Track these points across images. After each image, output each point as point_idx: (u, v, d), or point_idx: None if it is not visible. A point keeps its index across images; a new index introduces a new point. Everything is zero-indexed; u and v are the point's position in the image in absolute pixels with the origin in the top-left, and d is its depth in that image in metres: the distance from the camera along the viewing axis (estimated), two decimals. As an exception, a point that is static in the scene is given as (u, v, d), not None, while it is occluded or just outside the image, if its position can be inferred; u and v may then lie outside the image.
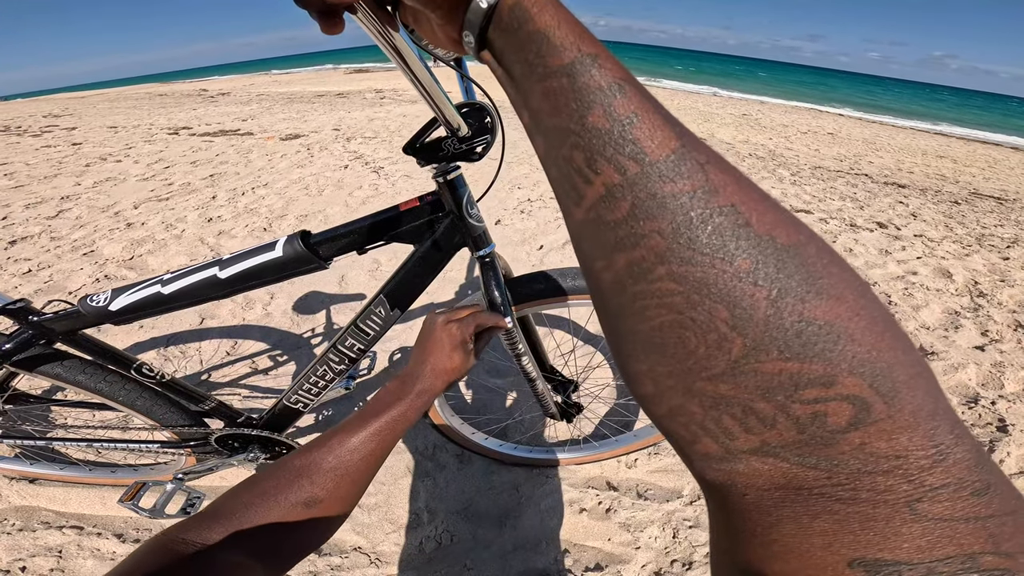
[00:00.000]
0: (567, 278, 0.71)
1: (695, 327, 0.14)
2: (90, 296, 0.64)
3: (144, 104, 7.61)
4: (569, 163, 0.16)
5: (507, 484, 1.10)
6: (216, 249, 2.13)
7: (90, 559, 0.92)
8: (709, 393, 0.14)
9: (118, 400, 0.76)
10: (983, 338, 1.67)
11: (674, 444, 0.17)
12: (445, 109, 0.44)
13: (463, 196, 0.58)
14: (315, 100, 7.28)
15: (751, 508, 0.14)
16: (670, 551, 0.97)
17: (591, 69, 0.16)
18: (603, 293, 0.17)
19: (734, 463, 0.15)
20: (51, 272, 1.91)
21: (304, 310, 1.69)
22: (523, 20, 0.17)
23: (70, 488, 1.04)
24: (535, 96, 0.17)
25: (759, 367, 0.13)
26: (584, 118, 0.15)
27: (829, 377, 0.12)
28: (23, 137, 4.59)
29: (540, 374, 0.84)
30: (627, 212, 0.15)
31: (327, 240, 0.60)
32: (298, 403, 0.80)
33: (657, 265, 0.14)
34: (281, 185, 2.97)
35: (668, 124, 0.15)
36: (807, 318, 0.12)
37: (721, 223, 0.14)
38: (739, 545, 0.14)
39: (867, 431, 0.12)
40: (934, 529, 0.11)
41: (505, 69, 0.19)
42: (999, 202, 3.73)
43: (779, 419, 0.13)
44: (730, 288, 0.13)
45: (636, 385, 0.17)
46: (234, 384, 1.36)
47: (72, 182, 3.07)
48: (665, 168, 0.14)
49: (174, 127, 5.01)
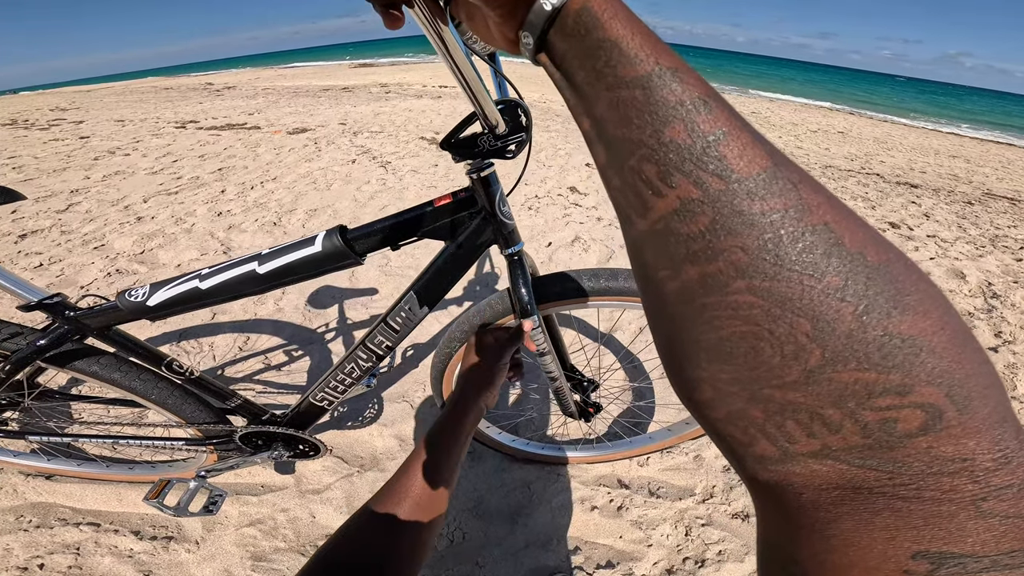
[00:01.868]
0: (590, 279, 0.71)
1: (772, 338, 0.14)
2: (128, 291, 0.64)
3: (150, 98, 7.61)
4: (637, 174, 0.16)
5: (518, 482, 1.11)
6: (226, 243, 2.14)
7: (108, 556, 0.93)
8: (777, 399, 0.14)
9: (150, 397, 0.76)
10: (996, 339, 1.66)
11: (724, 445, 0.17)
12: (486, 105, 0.43)
13: (496, 193, 0.58)
14: (320, 94, 7.26)
15: (808, 506, 0.14)
16: (682, 549, 0.97)
17: (671, 83, 0.16)
18: (664, 301, 0.17)
19: (791, 465, 0.15)
20: (62, 266, 1.92)
21: (316, 305, 1.70)
22: (592, 27, 0.17)
23: (86, 485, 1.05)
24: (600, 105, 0.17)
25: (835, 376, 0.13)
26: (660, 132, 0.15)
27: (906, 387, 0.13)
28: (31, 131, 4.60)
29: (562, 373, 0.84)
30: (706, 226, 0.15)
31: (363, 235, 0.59)
32: (324, 400, 0.81)
33: (736, 279, 0.14)
34: (290, 179, 2.97)
35: (758, 143, 0.15)
36: (891, 332, 0.13)
37: (813, 241, 0.14)
38: (794, 539, 0.15)
39: (937, 436, 0.13)
40: (999, 525, 0.12)
41: (565, 74, 0.19)
42: (1013, 203, 3.69)
43: (846, 424, 0.13)
44: (816, 303, 0.13)
45: (692, 390, 0.17)
46: (248, 380, 1.38)
47: (81, 175, 3.09)
48: (754, 186, 0.14)
49: (181, 121, 5.01)
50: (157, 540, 0.96)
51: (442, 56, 0.34)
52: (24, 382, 0.76)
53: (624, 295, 0.71)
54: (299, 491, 1.08)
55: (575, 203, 2.62)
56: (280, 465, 1.12)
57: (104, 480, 1.05)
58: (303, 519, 1.02)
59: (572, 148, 3.70)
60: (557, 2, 0.17)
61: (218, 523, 1.00)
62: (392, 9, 0.24)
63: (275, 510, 1.03)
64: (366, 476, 1.11)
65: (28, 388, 0.78)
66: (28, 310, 0.64)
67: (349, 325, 1.62)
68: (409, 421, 1.26)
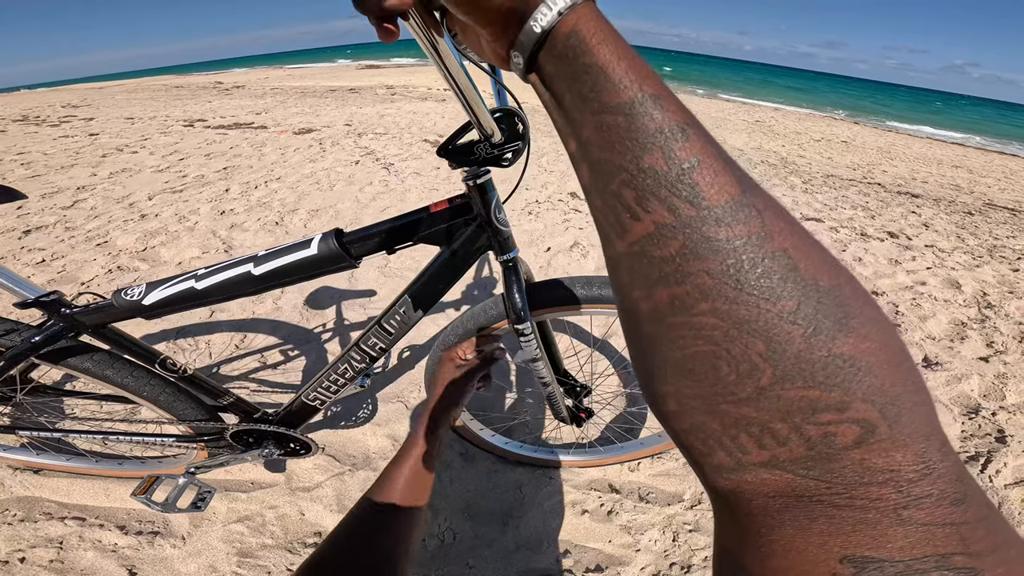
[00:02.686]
0: (583, 287, 0.72)
1: (729, 358, 0.15)
2: (124, 290, 0.65)
3: (161, 96, 7.70)
4: (617, 198, 0.17)
5: (510, 484, 1.11)
6: (228, 242, 2.17)
7: (91, 551, 0.93)
8: (732, 414, 0.15)
9: (142, 394, 0.77)
10: (988, 349, 1.66)
11: (687, 454, 0.18)
12: (480, 114, 0.44)
13: (492, 200, 0.58)
14: (327, 95, 7.33)
15: (756, 512, 0.15)
16: (669, 554, 0.98)
17: (652, 110, 0.16)
18: (637, 320, 0.18)
19: (743, 474, 0.16)
20: (64, 262, 1.94)
21: (314, 305, 1.72)
22: (579, 51, 0.17)
23: (73, 479, 1.05)
24: (586, 128, 0.18)
25: (783, 393, 0.14)
26: (640, 158, 0.16)
27: (844, 403, 0.14)
28: (41, 127, 4.66)
29: (555, 378, 0.85)
30: (676, 251, 0.15)
31: (359, 239, 0.60)
32: (316, 400, 0.82)
33: (700, 301, 0.15)
34: (293, 179, 3.00)
35: (729, 170, 0.16)
36: (834, 352, 0.14)
37: (771, 267, 0.15)
38: (742, 544, 0.16)
39: (869, 449, 0.14)
40: (915, 532, 0.13)
41: (553, 95, 0.19)
42: (1013, 213, 3.68)
43: (792, 438, 0.14)
44: (770, 326, 0.14)
45: (660, 403, 0.18)
46: (244, 378, 1.39)
47: (88, 172, 3.12)
48: (722, 213, 0.15)
49: (189, 119, 5.07)
50: (143, 535, 0.97)
51: (437, 66, 0.34)
52: (16, 377, 0.77)
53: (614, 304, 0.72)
54: (289, 488, 1.08)
55: (575, 209, 2.63)
56: (270, 462, 1.12)
57: (93, 475, 1.05)
58: (292, 516, 1.03)
59: (574, 153, 3.71)
60: (547, 25, 0.18)
61: (205, 519, 1.00)
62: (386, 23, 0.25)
63: (264, 507, 1.04)
64: (358, 475, 1.12)
65: (20, 383, 0.79)
66: (24, 307, 0.65)
67: (346, 326, 1.63)
68: (403, 421, 1.27)
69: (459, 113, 5.35)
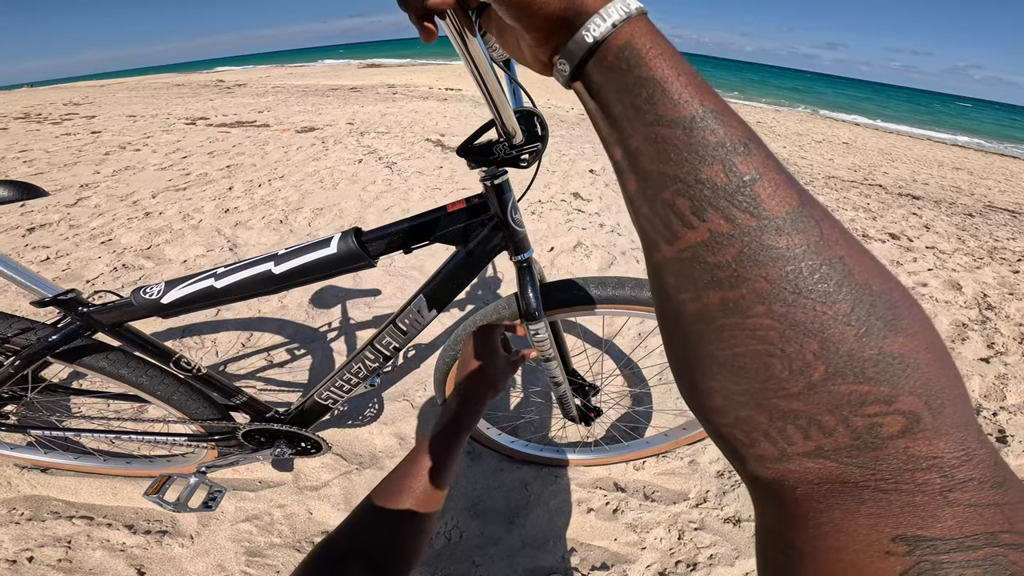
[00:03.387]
0: (597, 287, 0.72)
1: (783, 356, 0.16)
2: (143, 288, 0.65)
3: (162, 94, 7.68)
4: (669, 206, 0.17)
5: (516, 482, 1.12)
6: (232, 240, 2.17)
7: (99, 550, 0.93)
8: (781, 408, 0.16)
9: (155, 393, 0.77)
10: (989, 350, 1.67)
11: (726, 446, 0.19)
12: (504, 114, 0.44)
13: (508, 201, 0.59)
14: (329, 94, 7.32)
15: (802, 498, 0.16)
16: (675, 552, 0.98)
17: (713, 125, 0.17)
18: (682, 320, 0.19)
19: (788, 463, 0.17)
20: (69, 260, 1.94)
21: (320, 304, 1.72)
22: (634, 64, 0.17)
23: (81, 478, 1.05)
24: (636, 139, 0.18)
25: (834, 389, 0.15)
26: (698, 170, 0.16)
27: (892, 396, 0.15)
28: (43, 125, 4.65)
29: (566, 378, 0.86)
30: (733, 257, 0.16)
31: (377, 238, 0.60)
32: (328, 399, 0.82)
33: (756, 304, 0.16)
34: (297, 178, 3.00)
35: (789, 183, 0.17)
36: (884, 351, 0.15)
37: (828, 273, 0.16)
38: (792, 527, 0.17)
39: (913, 438, 0.15)
40: (963, 512, 0.14)
41: (600, 104, 0.19)
42: (1013, 215, 3.69)
43: (839, 429, 0.15)
44: (825, 327, 0.15)
45: (703, 399, 0.19)
46: (250, 376, 1.39)
47: (91, 170, 3.12)
48: (782, 223, 0.16)
49: (192, 117, 5.06)
50: (151, 534, 0.97)
51: (467, 65, 0.35)
52: (29, 376, 0.77)
53: (630, 304, 0.72)
54: (297, 488, 1.09)
55: (578, 209, 2.63)
56: (278, 462, 1.13)
57: (101, 474, 1.05)
58: (300, 515, 1.03)
59: (576, 154, 3.72)
60: (600, 36, 0.18)
61: (213, 518, 1.00)
62: (426, 21, 0.26)
63: (272, 506, 1.04)
64: (365, 474, 1.13)
65: (32, 382, 0.79)
66: (42, 306, 0.65)
67: (352, 325, 1.64)
68: (410, 420, 1.27)
69: (461, 113, 5.35)
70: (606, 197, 2.83)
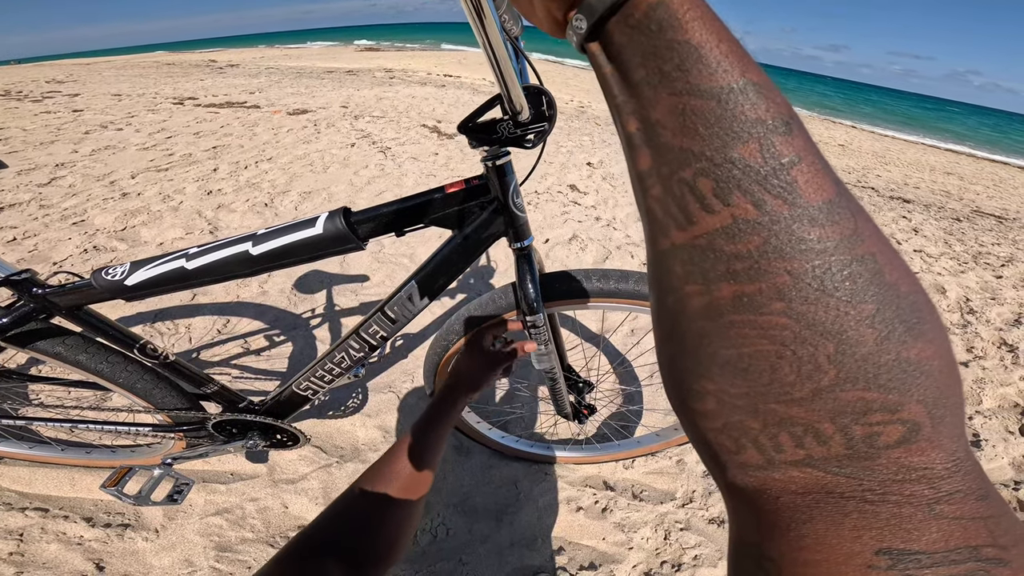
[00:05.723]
0: (599, 280, 0.70)
1: (794, 358, 0.15)
2: (105, 269, 0.60)
3: (151, 73, 7.43)
4: (687, 187, 0.16)
5: (506, 479, 1.09)
6: (214, 223, 2.09)
7: (54, 543, 0.88)
8: (779, 414, 0.15)
9: (117, 381, 0.73)
10: (968, 354, 1.67)
11: (709, 451, 0.18)
12: (513, 89, 0.42)
13: (510, 184, 0.55)
14: (324, 76, 7.15)
15: (783, 508, 0.16)
16: (660, 552, 0.97)
17: (754, 98, 0.15)
18: (683, 315, 0.17)
19: (772, 471, 0.16)
20: (36, 241, 1.85)
21: (303, 289, 1.66)
22: (667, 25, 0.15)
23: (35, 468, 0.99)
24: (658, 109, 0.16)
25: (841, 395, 0.14)
26: (729, 147, 0.15)
27: (899, 405, 0.14)
28: (23, 102, 4.45)
29: (561, 373, 0.83)
30: (756, 247, 0.15)
31: (367, 219, 0.56)
32: (308, 390, 0.77)
33: (774, 300, 0.15)
34: (285, 160, 2.91)
35: (827, 171, 0.15)
36: (902, 357, 0.14)
37: (858, 270, 0.14)
38: (769, 538, 0.16)
39: (909, 448, 0.14)
40: (948, 526, 0.13)
41: (618, 68, 0.17)
42: (1000, 221, 3.73)
43: (835, 437, 0.15)
44: (845, 328, 0.14)
45: (694, 401, 0.18)
46: (225, 364, 1.33)
47: (69, 149, 2.99)
48: (817, 212, 0.14)
49: (180, 97, 4.89)
50: (111, 528, 0.92)
51: (476, 32, 0.34)
52: None
53: (633, 299, 0.69)
54: (271, 480, 1.04)
55: (574, 201, 2.59)
56: (252, 453, 1.08)
57: (58, 464, 0.99)
58: (274, 509, 0.99)
59: (574, 146, 3.67)
60: None
61: (181, 511, 0.95)
62: None
63: (244, 499, 0.99)
64: (345, 467, 1.08)
65: None
66: None
67: (337, 312, 1.58)
68: (394, 412, 1.23)
69: (459, 99, 5.26)
70: (603, 191, 2.79)
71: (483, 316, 0.73)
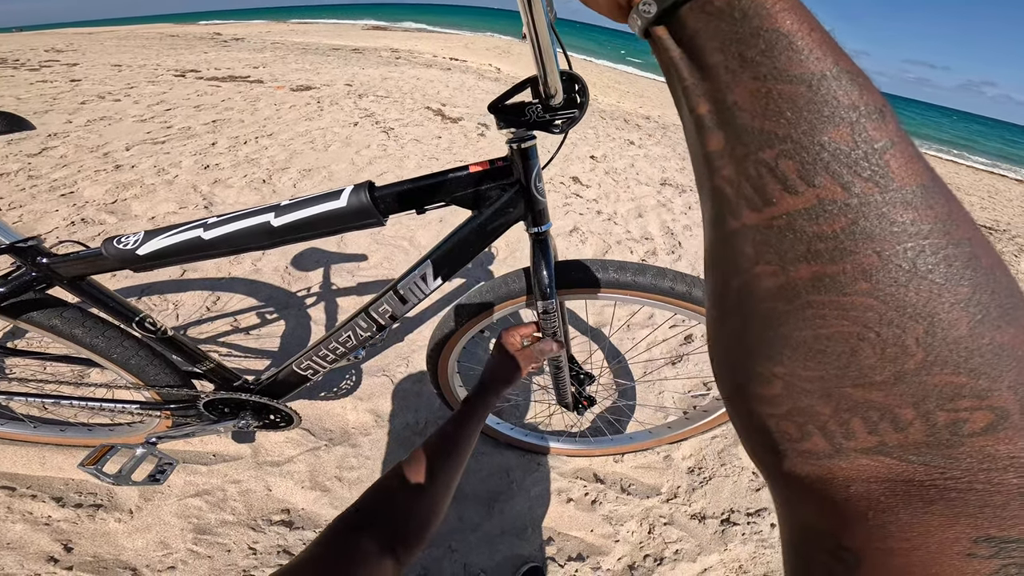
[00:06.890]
0: (616, 271, 0.69)
1: (877, 340, 0.14)
2: (117, 237, 0.58)
3: (154, 44, 7.28)
4: (767, 168, 0.16)
5: (498, 467, 1.07)
6: (209, 198, 2.04)
7: (20, 523, 0.85)
8: (853, 398, 0.15)
9: (111, 357, 0.70)
10: None
11: (764, 439, 0.17)
12: (550, 71, 0.42)
13: (534, 167, 0.55)
14: (330, 53, 7.02)
15: (856, 497, 0.15)
16: (644, 546, 0.97)
17: (848, 85, 0.15)
18: (751, 296, 0.17)
19: (839, 460, 0.15)
20: (21, 212, 1.80)
21: (299, 267, 1.63)
22: (753, 13, 0.15)
23: (4, 446, 0.95)
24: (738, 92, 0.16)
25: (928, 379, 0.14)
26: (818, 131, 0.15)
27: (988, 391, 0.14)
28: (19, 71, 4.34)
29: (567, 363, 0.82)
30: (841, 228, 0.15)
31: (391, 194, 0.55)
32: (309, 369, 0.75)
33: (859, 281, 0.14)
34: (286, 137, 2.85)
35: (920, 158, 0.15)
36: (995, 341, 0.14)
37: (953, 253, 0.14)
38: (844, 528, 0.15)
39: (995, 436, 0.13)
40: None
41: (690, 52, 0.17)
42: (989, 231, 3.73)
43: (915, 424, 0.14)
44: (937, 310, 0.14)
45: (759, 385, 0.17)
46: (212, 342, 1.30)
47: (63, 119, 2.92)
48: (911, 196, 0.14)
49: (181, 69, 4.79)
50: (82, 508, 0.89)
51: (523, 10, 0.34)
52: None
53: (647, 292, 0.68)
54: (255, 462, 1.02)
55: (576, 194, 2.55)
56: (238, 434, 1.06)
57: (29, 442, 0.95)
58: (257, 492, 0.97)
59: (578, 138, 3.60)
60: None
61: (158, 492, 0.93)
62: None
63: (226, 481, 0.98)
64: (334, 451, 1.06)
65: None
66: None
67: (333, 291, 1.55)
68: (387, 396, 1.21)
69: (464, 84, 5.16)
70: (605, 185, 2.74)
71: (494, 299, 0.73)
